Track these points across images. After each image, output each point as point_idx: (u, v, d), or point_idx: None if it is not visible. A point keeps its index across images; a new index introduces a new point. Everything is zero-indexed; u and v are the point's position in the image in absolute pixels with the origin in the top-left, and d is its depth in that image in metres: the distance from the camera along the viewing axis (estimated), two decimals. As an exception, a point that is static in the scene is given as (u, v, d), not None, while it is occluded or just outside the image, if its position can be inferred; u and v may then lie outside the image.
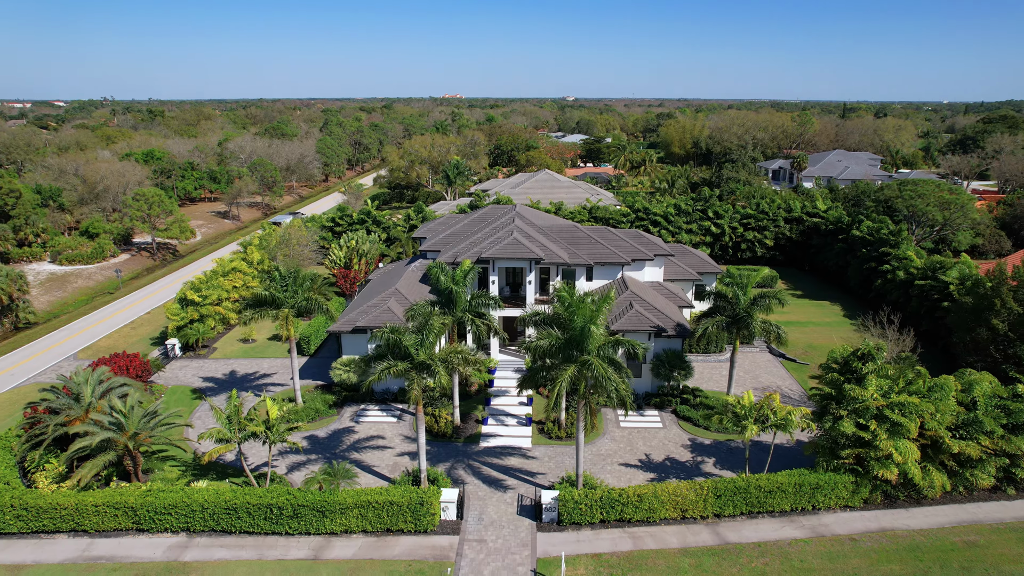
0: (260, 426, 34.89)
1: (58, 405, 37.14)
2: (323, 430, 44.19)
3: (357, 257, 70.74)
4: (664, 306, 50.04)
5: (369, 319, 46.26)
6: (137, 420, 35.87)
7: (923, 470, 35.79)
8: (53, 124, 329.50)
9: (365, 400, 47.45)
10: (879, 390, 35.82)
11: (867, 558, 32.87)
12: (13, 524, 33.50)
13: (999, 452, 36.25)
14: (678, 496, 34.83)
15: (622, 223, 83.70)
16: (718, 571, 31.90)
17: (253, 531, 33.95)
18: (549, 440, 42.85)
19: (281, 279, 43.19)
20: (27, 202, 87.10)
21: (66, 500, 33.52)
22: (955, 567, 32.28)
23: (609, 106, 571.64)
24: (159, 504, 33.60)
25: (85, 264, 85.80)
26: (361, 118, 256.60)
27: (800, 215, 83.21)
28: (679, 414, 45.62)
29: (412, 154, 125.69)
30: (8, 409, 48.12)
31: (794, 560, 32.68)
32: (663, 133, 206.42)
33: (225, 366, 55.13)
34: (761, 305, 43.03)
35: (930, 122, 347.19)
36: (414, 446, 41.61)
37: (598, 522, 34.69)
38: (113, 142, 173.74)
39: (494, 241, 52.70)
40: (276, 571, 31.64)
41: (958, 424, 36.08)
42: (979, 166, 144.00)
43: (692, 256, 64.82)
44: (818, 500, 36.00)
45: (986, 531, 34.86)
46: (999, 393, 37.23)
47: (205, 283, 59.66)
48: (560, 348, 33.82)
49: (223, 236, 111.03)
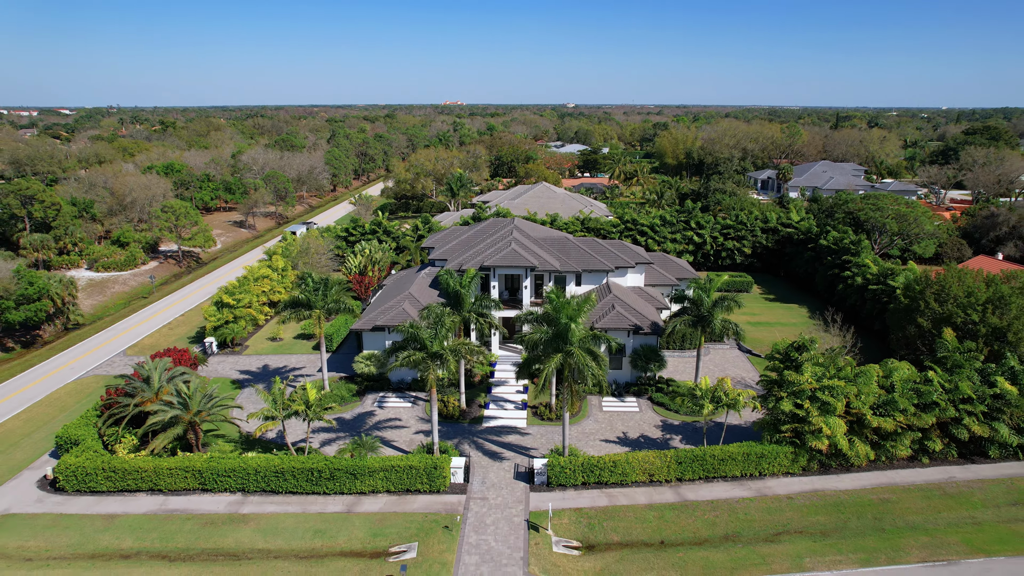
0: (301, 405, 42.41)
1: (133, 389, 44.68)
2: (348, 413, 51.68)
3: (371, 264, 78.37)
4: (643, 308, 57.55)
5: (387, 319, 53.82)
6: (198, 401, 43.43)
7: (850, 442, 43.18)
8: (65, 134, 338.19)
9: (384, 388, 54.97)
10: (814, 376, 43.34)
11: (799, 512, 40.31)
12: (103, 484, 40.99)
13: (912, 427, 43.69)
14: (646, 463, 42.30)
15: (612, 233, 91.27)
16: (677, 522, 39.35)
17: (297, 491, 41.40)
18: (541, 421, 50.34)
19: (314, 285, 50.73)
20: (66, 214, 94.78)
21: (146, 464, 41.01)
22: (869, 518, 39.71)
23: (608, 114, 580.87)
24: (220, 468, 41.08)
25: (119, 271, 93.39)
26: (366, 129, 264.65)
27: (775, 225, 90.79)
28: (654, 400, 53.10)
29: (418, 167, 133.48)
30: (76, 396, 55.64)
31: (739, 513, 40.12)
32: (657, 144, 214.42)
33: (257, 361, 62.66)
34: (722, 306, 50.52)
35: (921, 131, 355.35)
36: (428, 426, 49.08)
37: (580, 484, 42.14)
38: (131, 155, 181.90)
39: (495, 251, 60.27)
40: (317, 521, 39.09)
41: (879, 404, 43.50)
42: (955, 177, 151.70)
43: (672, 264, 72.27)
44: (763, 467, 43.44)
45: (899, 491, 42.30)
46: (914, 379, 44.68)
47: (238, 288, 67.23)
48: (548, 340, 41.34)
49: (241, 244, 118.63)
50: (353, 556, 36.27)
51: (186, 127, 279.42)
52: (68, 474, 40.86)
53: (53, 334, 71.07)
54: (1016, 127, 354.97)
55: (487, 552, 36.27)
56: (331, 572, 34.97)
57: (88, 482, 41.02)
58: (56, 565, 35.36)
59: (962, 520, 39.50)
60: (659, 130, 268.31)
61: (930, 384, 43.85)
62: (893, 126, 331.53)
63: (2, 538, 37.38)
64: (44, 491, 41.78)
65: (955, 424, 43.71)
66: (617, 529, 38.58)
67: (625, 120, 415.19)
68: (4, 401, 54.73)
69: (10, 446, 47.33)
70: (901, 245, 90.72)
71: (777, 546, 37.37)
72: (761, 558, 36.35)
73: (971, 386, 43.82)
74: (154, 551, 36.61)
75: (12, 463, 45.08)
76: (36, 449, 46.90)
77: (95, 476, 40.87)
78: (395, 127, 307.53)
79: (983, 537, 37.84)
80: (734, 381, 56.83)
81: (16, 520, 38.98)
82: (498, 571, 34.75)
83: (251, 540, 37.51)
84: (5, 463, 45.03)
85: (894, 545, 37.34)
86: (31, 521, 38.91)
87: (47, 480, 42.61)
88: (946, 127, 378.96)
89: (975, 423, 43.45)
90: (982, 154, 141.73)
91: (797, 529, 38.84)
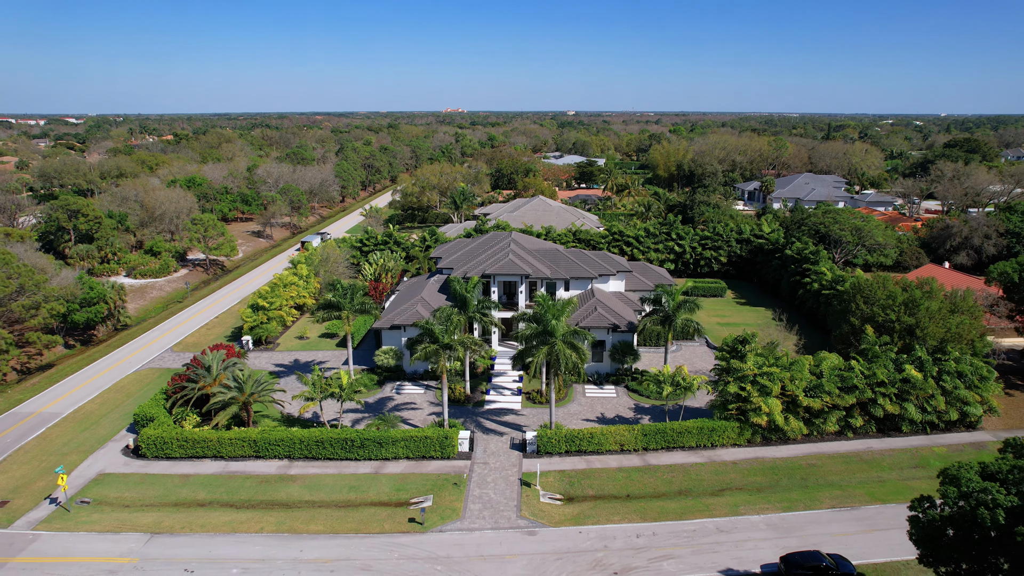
0: (336, 388, 51.97)
1: (196, 375, 54.30)
2: (371, 398, 61.22)
3: (384, 272, 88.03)
4: (621, 309, 67.14)
5: (404, 318, 63.46)
6: (251, 385, 53.05)
7: (785, 419, 52.68)
8: (79, 145, 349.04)
9: (400, 378, 64.56)
10: (755, 364, 52.88)
11: (741, 474, 49.78)
12: (177, 451, 50.54)
13: (837, 407, 53.19)
14: (618, 435, 51.81)
15: (601, 244, 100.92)
16: (641, 480, 48.83)
17: (333, 457, 50.93)
18: (533, 404, 59.86)
19: (343, 290, 60.35)
20: (106, 226, 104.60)
21: (210, 436, 50.58)
22: (797, 478, 49.19)
23: (608, 123, 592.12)
24: (271, 438, 50.63)
25: (155, 278, 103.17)
26: (371, 141, 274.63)
27: (748, 237, 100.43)
28: (628, 387, 62.64)
29: (423, 181, 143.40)
30: (137, 385, 65.23)
31: (692, 475, 49.60)
32: (650, 156, 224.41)
33: (289, 356, 72.24)
34: (685, 307, 60.10)
35: (910, 140, 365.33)
36: (438, 408, 58.59)
37: (563, 452, 51.63)
38: (151, 168, 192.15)
39: (494, 261, 69.90)
40: (351, 480, 48.61)
41: (810, 387, 52.98)
42: (927, 189, 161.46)
43: (651, 271, 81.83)
44: (714, 439, 52.90)
45: (825, 458, 51.76)
46: (839, 367, 54.19)
47: (270, 293, 76.86)
48: (537, 335, 50.94)
49: (260, 253, 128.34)
50: (381, 505, 45.79)
51: (198, 139, 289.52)
52: (149, 443, 50.45)
53: (106, 333, 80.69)
54: (1002, 137, 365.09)
55: (488, 502, 45.79)
56: (364, 516, 44.49)
57: (164, 450, 50.59)
58: (148, 510, 44.91)
59: (870, 479, 48.98)
60: (654, 141, 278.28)
61: (851, 371, 53.36)
62: (882, 137, 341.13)
63: (103, 491, 46.96)
64: (128, 457, 51.38)
65: (872, 404, 53.19)
66: (592, 486, 48.09)
67: (624, 130, 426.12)
68: (79, 388, 64.37)
69: (93, 424, 56.94)
70: (864, 254, 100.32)
71: (720, 498, 46.85)
72: (705, 506, 45.84)
73: (885, 373, 53.33)
74: (223, 501, 46.15)
75: (98, 436, 54.69)
76: (115, 426, 56.49)
77: (170, 445, 50.44)
78: (399, 138, 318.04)
79: (883, 490, 47.34)
80: (698, 371, 66.29)
81: (111, 478, 48.58)
82: (497, 515, 44.27)
83: (299, 494, 47.04)
84: (93, 436, 54.65)
85: (812, 497, 46.84)
86: (123, 479, 48.50)
87: (130, 448, 52.21)
88: (935, 136, 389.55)
89: (888, 403, 52.95)
90: (951, 168, 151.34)
91: (738, 487, 48.32)
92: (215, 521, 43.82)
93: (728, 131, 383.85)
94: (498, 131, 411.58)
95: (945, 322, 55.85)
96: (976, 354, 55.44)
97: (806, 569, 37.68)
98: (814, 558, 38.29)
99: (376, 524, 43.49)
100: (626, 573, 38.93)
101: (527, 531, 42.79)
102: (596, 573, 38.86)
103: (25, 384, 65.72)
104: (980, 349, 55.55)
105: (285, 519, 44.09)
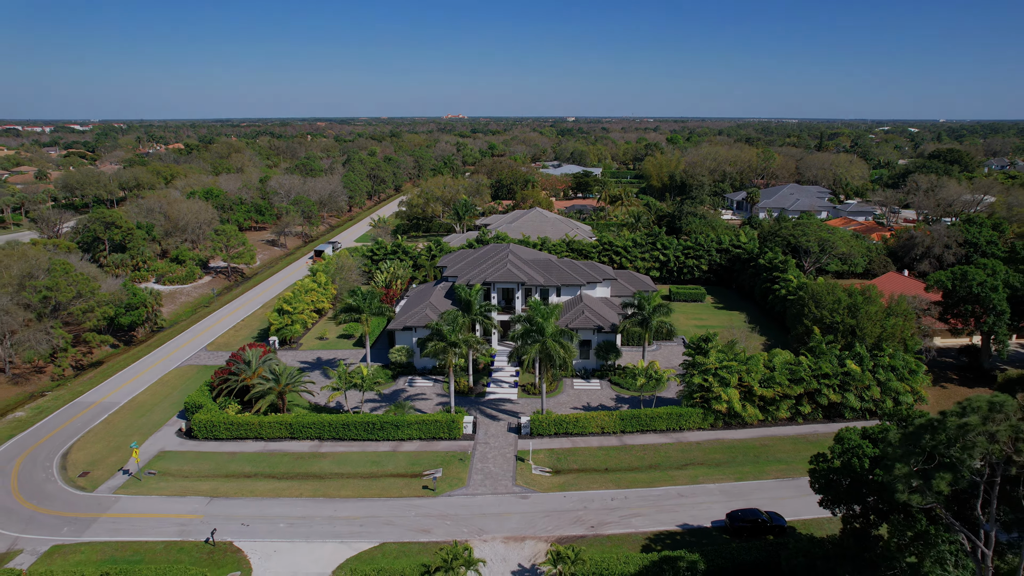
0: (359, 379, 60.93)
1: (238, 369, 63.30)
2: (387, 390, 70.12)
3: (394, 279, 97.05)
4: (606, 313, 76.09)
5: (415, 320, 72.46)
6: (285, 377, 62.04)
7: (743, 406, 61.56)
8: (90, 154, 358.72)
9: (412, 373, 73.52)
10: (717, 359, 61.81)
11: (703, 452, 58.63)
12: (224, 433, 59.48)
13: (788, 396, 62.07)
14: (599, 420, 60.71)
15: (592, 254, 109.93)
16: (618, 457, 57.70)
17: (357, 438, 59.81)
18: (527, 395, 68.77)
19: (362, 295, 69.34)
20: (137, 237, 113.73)
21: (252, 419, 59.54)
22: (751, 456, 58.03)
23: (607, 129, 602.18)
24: (304, 422, 59.56)
25: (182, 284, 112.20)
26: (376, 152, 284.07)
27: (727, 247, 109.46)
28: (611, 381, 71.55)
29: (428, 193, 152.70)
30: (180, 379, 74.17)
31: (661, 452, 58.48)
32: (644, 167, 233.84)
33: (311, 354, 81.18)
34: (659, 311, 69.06)
35: (899, 149, 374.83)
36: (446, 399, 67.47)
37: (552, 434, 60.51)
38: (165, 179, 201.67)
39: (494, 270, 78.88)
40: (372, 456, 57.49)
41: (764, 379, 61.87)
42: (903, 200, 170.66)
43: (636, 279, 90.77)
44: (682, 423, 61.75)
45: (776, 440, 60.63)
46: (790, 362, 63.11)
47: (293, 299, 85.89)
48: (530, 333, 59.91)
49: (276, 261, 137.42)
50: (399, 476, 54.69)
51: (208, 149, 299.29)
52: (200, 426, 59.41)
53: (144, 335, 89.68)
54: (989, 146, 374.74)
55: (488, 473, 54.70)
56: (385, 484, 53.39)
57: (213, 432, 59.54)
58: (205, 480, 53.83)
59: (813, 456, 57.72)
60: (650, 151, 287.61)
61: (800, 365, 62.29)
62: (872, 146, 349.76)
63: (165, 464, 55.92)
64: (182, 438, 60.35)
65: (818, 394, 62.08)
66: (576, 461, 56.99)
67: (622, 138, 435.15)
68: (130, 382, 73.37)
69: (147, 411, 65.92)
70: (836, 263, 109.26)
71: (683, 471, 55.73)
72: (670, 477, 54.73)
73: (829, 367, 62.22)
74: (266, 473, 55.06)
75: (153, 421, 63.67)
76: (166, 413, 65.47)
77: (218, 427, 59.39)
78: (402, 147, 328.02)
79: (821, 464, 56.09)
80: (672, 367, 75.23)
81: (170, 455, 57.55)
82: (496, 483, 53.16)
83: (329, 468, 55.95)
84: (149, 421, 63.63)
85: (761, 470, 55.71)
86: (180, 456, 57.46)
87: (183, 431, 61.17)
88: (926, 145, 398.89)
89: (832, 393, 61.85)
90: (925, 180, 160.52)
91: (699, 462, 57.18)
92: (261, 489, 52.75)
93: (724, 139, 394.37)
94: (498, 139, 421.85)
95: (882, 323, 64.80)
96: (908, 351, 64.36)
97: (746, 522, 46.57)
98: (753, 514, 47.20)
99: (395, 490, 52.42)
100: (601, 527, 47.83)
101: (521, 496, 51.70)
102: (576, 527, 47.77)
103: (82, 378, 74.77)
104: (912, 346, 64.49)
105: (319, 487, 53.01)
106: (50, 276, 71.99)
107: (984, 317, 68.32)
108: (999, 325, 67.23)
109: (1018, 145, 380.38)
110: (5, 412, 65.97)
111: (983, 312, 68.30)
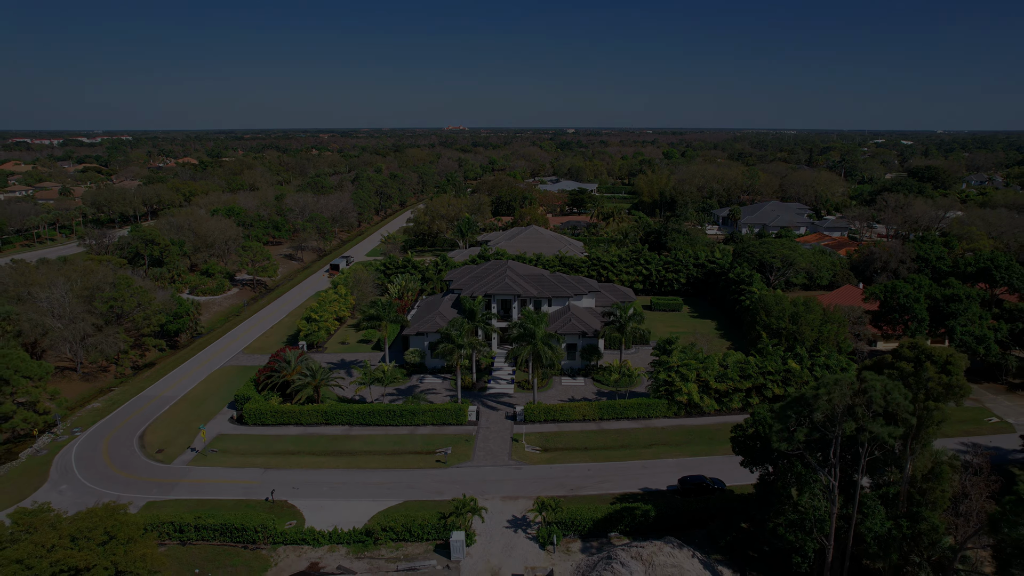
0: (380, 375, 73.29)
1: (279, 367, 75.71)
2: (402, 386, 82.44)
3: (406, 291, 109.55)
4: (590, 320, 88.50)
5: (426, 327, 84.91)
6: (320, 374, 74.45)
7: (701, 398, 73.82)
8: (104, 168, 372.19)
9: (424, 372, 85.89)
10: (679, 358, 74.15)
11: (667, 435, 70.87)
12: (269, 419, 71.82)
13: (739, 389, 74.33)
14: (581, 409, 73.01)
15: (582, 268, 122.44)
16: (596, 439, 69.94)
17: (381, 424, 72.11)
18: (522, 390, 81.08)
19: (382, 306, 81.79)
20: (173, 252, 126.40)
21: (293, 408, 71.90)
22: (706, 438, 70.16)
23: (605, 142, 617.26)
24: (336, 410, 71.91)
25: (213, 295, 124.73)
26: (381, 168, 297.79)
27: (703, 261, 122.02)
28: (594, 379, 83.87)
29: (433, 211, 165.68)
30: (225, 377, 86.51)
31: (631, 435, 70.73)
32: (637, 183, 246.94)
33: (335, 356, 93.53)
34: (633, 319, 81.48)
35: (886, 164, 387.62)
36: (453, 393, 79.76)
37: (542, 420, 72.80)
38: (185, 196, 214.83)
39: (494, 283, 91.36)
40: (394, 438, 69.77)
41: (718, 376, 74.15)
42: (875, 217, 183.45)
43: (618, 291, 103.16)
44: (650, 412, 73.99)
45: (729, 425, 71.90)
46: (740, 361, 75.43)
47: (319, 308, 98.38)
48: (524, 336, 72.33)
49: (295, 274, 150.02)
50: (416, 453, 66.95)
51: (220, 164, 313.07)
52: (250, 413, 71.76)
53: (186, 340, 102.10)
54: (971, 161, 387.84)
55: (489, 451, 67.01)
56: (406, 459, 65.68)
57: (260, 418, 71.86)
58: (258, 456, 66.12)
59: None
60: (644, 167, 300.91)
61: (748, 364, 74.64)
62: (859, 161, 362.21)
63: (223, 444, 68.25)
64: (234, 424, 72.68)
65: (764, 387, 74.35)
66: (561, 442, 69.27)
67: (619, 152, 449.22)
68: (183, 380, 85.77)
69: (201, 403, 78.27)
70: (803, 276, 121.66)
71: (648, 449, 67.98)
72: (637, 454, 66.99)
73: (774, 365, 74.52)
74: (307, 451, 67.35)
75: (208, 411, 76.00)
76: (218, 404, 77.80)
77: (265, 415, 71.74)
78: (406, 163, 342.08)
79: (761, 444, 68.32)
80: (645, 365, 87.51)
81: (226, 437, 69.88)
82: (495, 458, 65.45)
83: (359, 446, 68.23)
84: (204, 411, 75.98)
85: (714, 449, 67.88)
86: (234, 438, 69.79)
87: (234, 419, 73.49)
88: (914, 159, 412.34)
89: (776, 387, 74.08)
90: (893, 199, 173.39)
91: (663, 443, 69.43)
92: (304, 462, 65.05)
93: (718, 153, 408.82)
94: (498, 153, 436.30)
95: (819, 329, 77.23)
96: (842, 352, 76.70)
97: (693, 485, 58.81)
98: (699, 479, 59.46)
99: (414, 463, 64.74)
100: (579, 489, 60.07)
101: (515, 467, 63.97)
102: (559, 489, 60.01)
103: (140, 376, 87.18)
104: (845, 348, 76.85)
105: (352, 461, 65.31)
106: (116, 289, 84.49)
107: (910, 323, 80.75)
108: (920, 330, 79.63)
109: (1000, 160, 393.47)
110: (84, 403, 78.38)
111: (908, 319, 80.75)
